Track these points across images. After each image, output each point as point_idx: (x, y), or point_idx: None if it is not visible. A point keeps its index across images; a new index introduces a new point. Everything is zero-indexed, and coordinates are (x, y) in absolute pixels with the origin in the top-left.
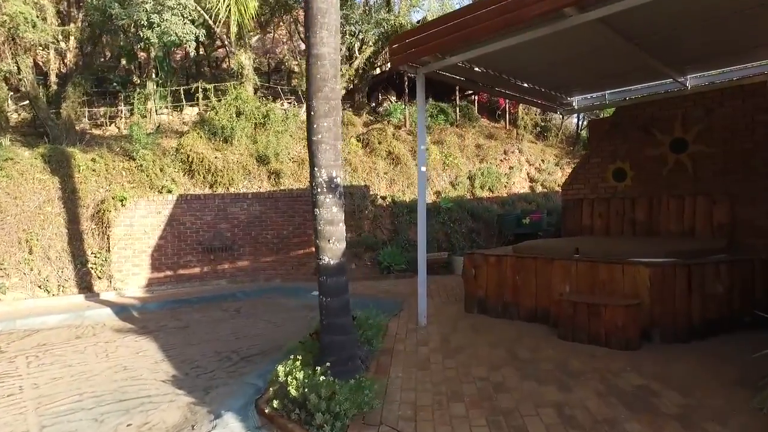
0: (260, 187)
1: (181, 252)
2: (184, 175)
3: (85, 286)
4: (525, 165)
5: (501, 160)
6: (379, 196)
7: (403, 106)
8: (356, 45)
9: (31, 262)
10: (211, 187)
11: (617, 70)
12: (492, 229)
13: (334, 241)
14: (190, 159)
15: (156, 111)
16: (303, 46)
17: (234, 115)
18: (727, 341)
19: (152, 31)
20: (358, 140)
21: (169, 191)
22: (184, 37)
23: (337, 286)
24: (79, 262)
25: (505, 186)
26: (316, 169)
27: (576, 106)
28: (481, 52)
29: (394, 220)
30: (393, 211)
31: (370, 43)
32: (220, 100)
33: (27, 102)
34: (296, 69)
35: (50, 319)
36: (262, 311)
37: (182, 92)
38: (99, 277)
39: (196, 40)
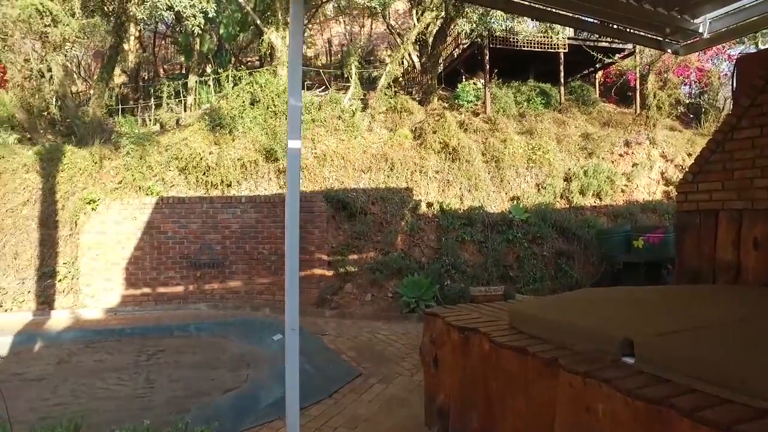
0: (266, 189)
1: (161, 266)
2: (180, 174)
3: (45, 301)
4: (658, 161)
5: (620, 155)
6: (423, 203)
7: (480, 86)
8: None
9: None
10: (208, 188)
11: None
12: (593, 252)
13: None
14: (182, 155)
15: (198, 105)
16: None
17: (247, 104)
18: None
19: (143, 6)
20: (412, 131)
21: (151, 193)
22: (184, 11)
23: None
24: (43, 273)
25: (623, 191)
26: None
27: (705, 34)
28: None
29: (440, 236)
30: (440, 224)
31: (431, 6)
32: (235, 85)
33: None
34: (387, 59)
35: None
36: (179, 360)
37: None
38: (64, 292)
39: (205, 16)
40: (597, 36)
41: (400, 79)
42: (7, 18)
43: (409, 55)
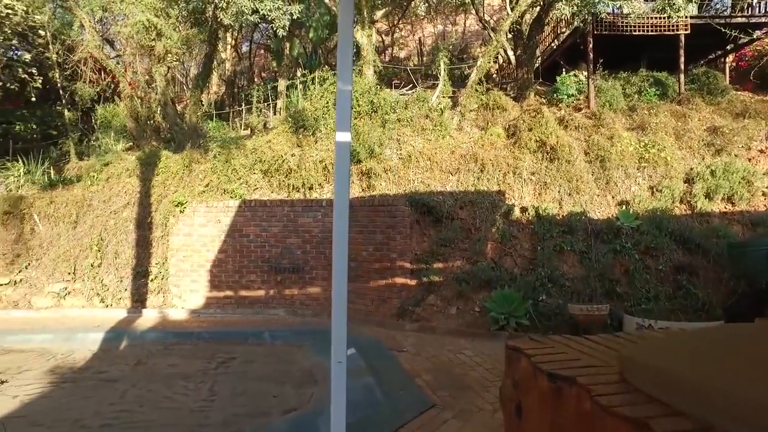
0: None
1: (243, 270)
2: (263, 177)
3: (138, 299)
4: None
5: (761, 151)
6: (517, 207)
7: (582, 78)
8: None
9: (97, 269)
10: (290, 191)
11: None
12: (725, 268)
13: None
14: (265, 158)
15: (287, 108)
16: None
17: (330, 104)
18: None
19: (227, 11)
20: (505, 129)
21: (234, 196)
22: (269, 14)
23: None
24: (138, 272)
25: (764, 194)
26: None
27: None
28: None
29: (536, 245)
30: (536, 231)
31: None
32: (322, 84)
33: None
34: (480, 56)
35: (36, 338)
36: (247, 370)
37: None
38: (155, 292)
39: (291, 19)
40: (730, 10)
41: (494, 75)
42: (121, 35)
43: (504, 50)
